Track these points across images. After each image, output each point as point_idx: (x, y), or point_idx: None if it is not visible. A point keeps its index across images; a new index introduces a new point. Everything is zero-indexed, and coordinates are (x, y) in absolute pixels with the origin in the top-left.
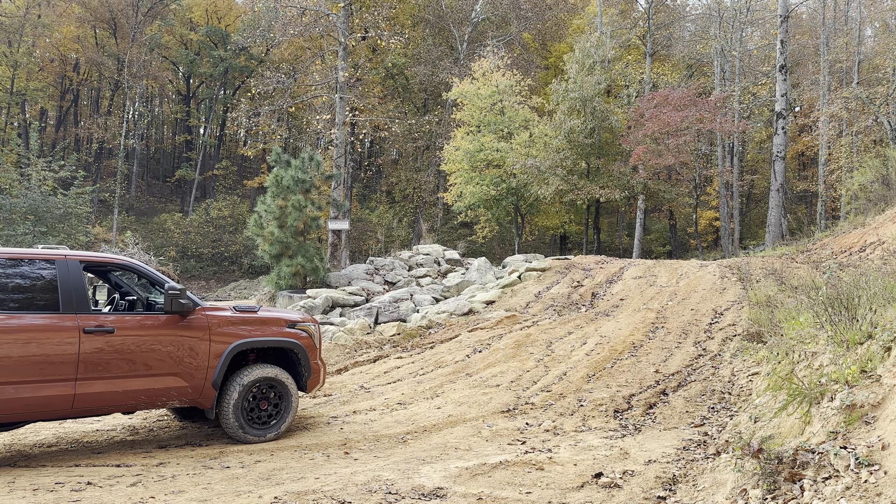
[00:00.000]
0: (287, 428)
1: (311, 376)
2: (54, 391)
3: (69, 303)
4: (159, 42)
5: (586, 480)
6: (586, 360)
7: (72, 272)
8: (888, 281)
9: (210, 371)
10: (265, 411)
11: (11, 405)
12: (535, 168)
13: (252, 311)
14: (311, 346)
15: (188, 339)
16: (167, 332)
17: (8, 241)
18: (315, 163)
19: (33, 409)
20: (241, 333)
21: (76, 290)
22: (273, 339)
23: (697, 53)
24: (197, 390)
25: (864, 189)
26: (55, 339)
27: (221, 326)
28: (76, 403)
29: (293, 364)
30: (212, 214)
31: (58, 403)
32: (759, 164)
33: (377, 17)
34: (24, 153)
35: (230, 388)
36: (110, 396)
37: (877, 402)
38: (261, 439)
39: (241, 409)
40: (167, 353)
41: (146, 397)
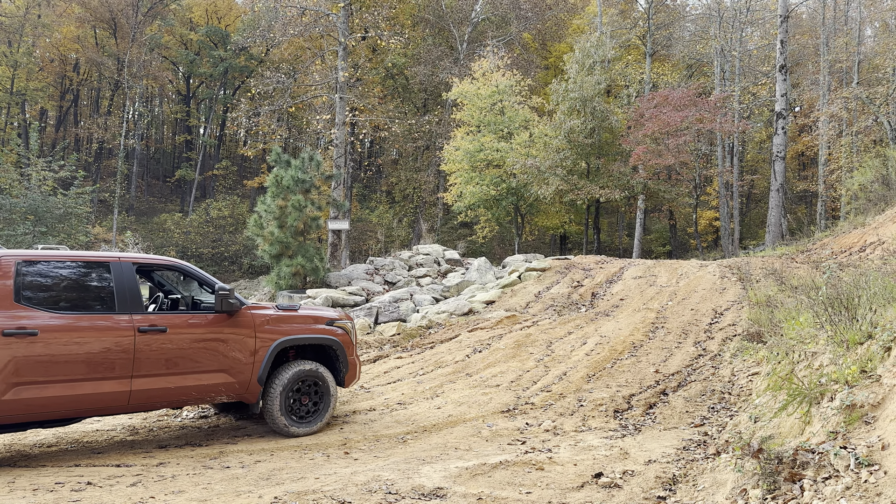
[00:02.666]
0: (326, 422)
1: (349, 371)
2: (112, 388)
3: (124, 303)
4: (159, 42)
5: (586, 480)
6: (586, 360)
7: (125, 274)
8: (888, 281)
9: (256, 367)
10: (306, 406)
11: (73, 402)
12: (535, 168)
13: (293, 310)
14: (349, 343)
15: (235, 337)
16: (215, 331)
17: (8, 241)
18: (315, 163)
19: (92, 405)
20: (284, 331)
21: (130, 291)
22: (314, 336)
23: (697, 53)
24: (244, 386)
25: (864, 189)
26: (113, 339)
27: (266, 324)
28: (131, 400)
29: (331, 360)
30: (212, 214)
31: (115, 400)
32: (759, 164)
33: (377, 17)
34: (24, 153)
35: (275, 384)
36: (163, 393)
37: (877, 402)
38: (303, 433)
39: (285, 403)
40: (216, 351)
41: (196, 393)
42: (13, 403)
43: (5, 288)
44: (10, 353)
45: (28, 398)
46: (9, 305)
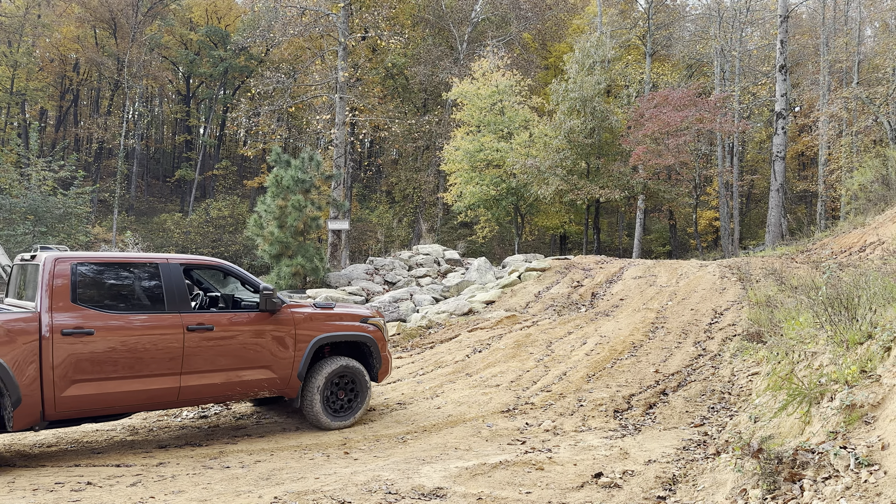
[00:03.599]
0: (361, 415)
1: (381, 367)
2: (162, 385)
3: (173, 302)
4: (159, 42)
5: (586, 480)
6: (586, 360)
7: (173, 274)
8: (888, 281)
9: (296, 364)
10: (342, 400)
11: (126, 398)
12: (535, 168)
13: (329, 308)
14: (381, 339)
15: (277, 335)
16: (258, 329)
17: (8, 241)
18: (315, 163)
19: (144, 401)
20: (322, 328)
21: (178, 291)
22: (350, 333)
23: (697, 53)
24: (285, 381)
25: (864, 189)
26: (163, 337)
27: (305, 322)
28: (180, 396)
29: (365, 356)
30: (212, 214)
31: (165, 396)
32: (759, 164)
33: (377, 17)
34: (24, 153)
35: (314, 379)
36: (210, 389)
37: (877, 402)
38: (339, 426)
39: (323, 398)
40: (259, 348)
41: (241, 389)
42: (71, 400)
43: (63, 289)
44: (69, 352)
45: (85, 395)
46: (66, 306)
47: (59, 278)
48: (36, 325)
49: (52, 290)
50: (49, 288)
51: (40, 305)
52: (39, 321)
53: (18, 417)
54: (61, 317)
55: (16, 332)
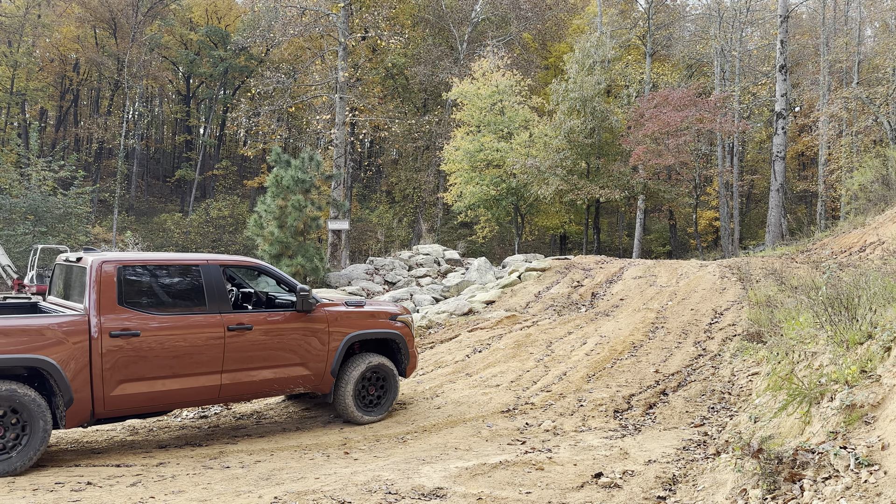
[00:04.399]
0: (389, 410)
1: (410, 362)
2: (204, 383)
3: (213, 302)
4: (159, 42)
5: (586, 480)
6: (586, 360)
7: (213, 274)
8: (888, 281)
9: (329, 361)
10: (372, 395)
11: (170, 396)
12: (535, 168)
13: (360, 306)
14: (409, 336)
15: (311, 333)
16: (294, 327)
17: (8, 241)
18: (315, 163)
19: (187, 399)
20: (354, 326)
21: (219, 291)
22: (380, 330)
23: (697, 53)
24: (319, 378)
25: (864, 189)
26: (205, 337)
27: (338, 320)
28: (221, 393)
29: (394, 352)
30: (212, 214)
31: (207, 393)
32: (759, 164)
33: (377, 17)
34: (24, 153)
35: (346, 375)
36: (248, 386)
37: (877, 402)
38: (370, 420)
39: (356, 393)
40: (295, 346)
41: (278, 385)
42: (119, 399)
43: (110, 292)
44: (117, 353)
45: (132, 393)
46: (113, 308)
47: (106, 281)
48: (86, 327)
49: (99, 292)
50: (97, 290)
51: (89, 307)
52: (89, 323)
53: (70, 416)
54: (109, 318)
55: (67, 333)
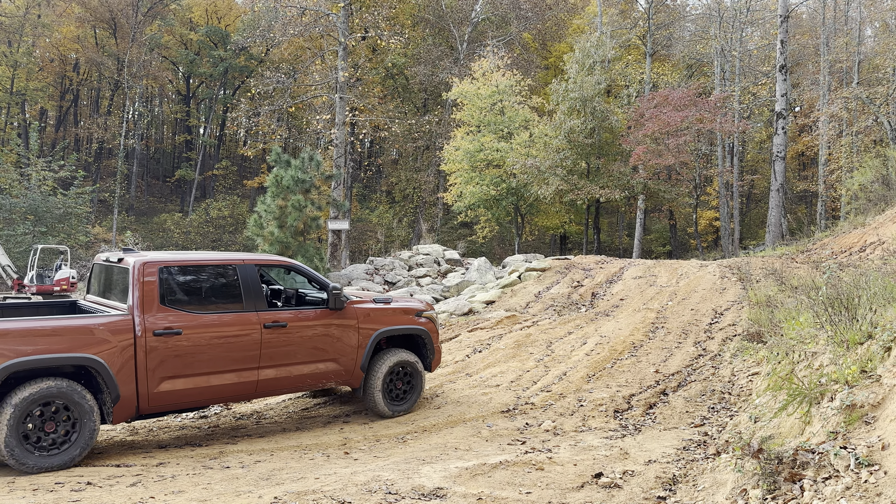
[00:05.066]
0: (416, 403)
1: (435, 357)
2: (242, 378)
3: (250, 301)
4: (159, 42)
5: (586, 480)
6: (586, 360)
7: (249, 274)
8: (888, 281)
9: (360, 356)
10: (400, 389)
11: (211, 392)
12: (535, 168)
13: (387, 303)
14: (434, 332)
15: (342, 330)
16: (326, 324)
17: (8, 241)
18: (315, 163)
19: (226, 394)
20: (383, 322)
21: (255, 290)
22: (407, 327)
23: (697, 53)
24: (349, 373)
25: (864, 189)
26: (243, 334)
27: (366, 317)
28: (258, 388)
29: (419, 347)
30: (212, 214)
31: (245, 389)
32: (759, 164)
33: (377, 17)
34: (24, 153)
35: (375, 370)
36: (283, 381)
37: (877, 402)
38: (399, 412)
39: (384, 387)
40: (326, 342)
41: (311, 380)
42: (163, 395)
43: (152, 292)
44: (160, 351)
45: (174, 390)
46: (156, 308)
47: (148, 281)
48: (130, 326)
49: (142, 292)
50: (140, 291)
51: (133, 307)
52: (133, 322)
53: (117, 412)
54: (152, 318)
55: (113, 332)
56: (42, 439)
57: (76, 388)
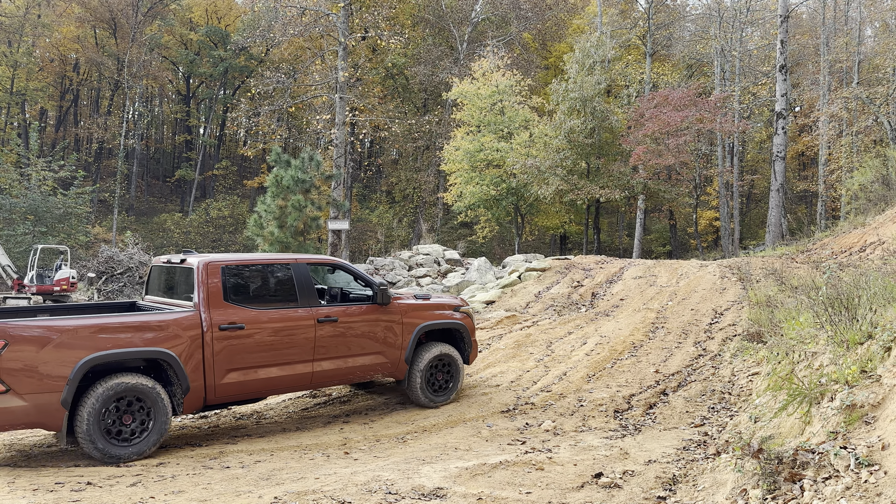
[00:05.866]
0: (456, 394)
1: (472, 350)
2: (299, 370)
3: (304, 297)
4: (159, 42)
5: (586, 480)
6: (586, 360)
7: (303, 272)
8: (888, 281)
9: (404, 349)
10: (441, 381)
11: (271, 384)
12: (535, 168)
13: (427, 299)
14: (471, 326)
15: (388, 325)
16: (373, 319)
17: (8, 241)
18: (315, 163)
19: (284, 386)
20: (424, 317)
21: (308, 287)
22: (447, 321)
23: (697, 53)
24: (394, 365)
25: (864, 189)
26: (299, 329)
27: (410, 313)
28: (313, 380)
29: (457, 341)
30: (212, 214)
31: (301, 380)
32: (759, 164)
33: (377, 17)
34: (24, 153)
35: (418, 363)
36: (335, 373)
37: (877, 402)
38: (439, 403)
39: (426, 379)
40: (374, 336)
41: (360, 372)
42: (228, 387)
43: (216, 289)
44: (225, 345)
45: (238, 381)
46: (220, 304)
47: (212, 280)
48: (198, 322)
49: (207, 290)
50: (205, 288)
51: (199, 304)
52: (200, 318)
53: (187, 403)
54: (217, 314)
55: (183, 328)
56: (121, 431)
57: (150, 381)
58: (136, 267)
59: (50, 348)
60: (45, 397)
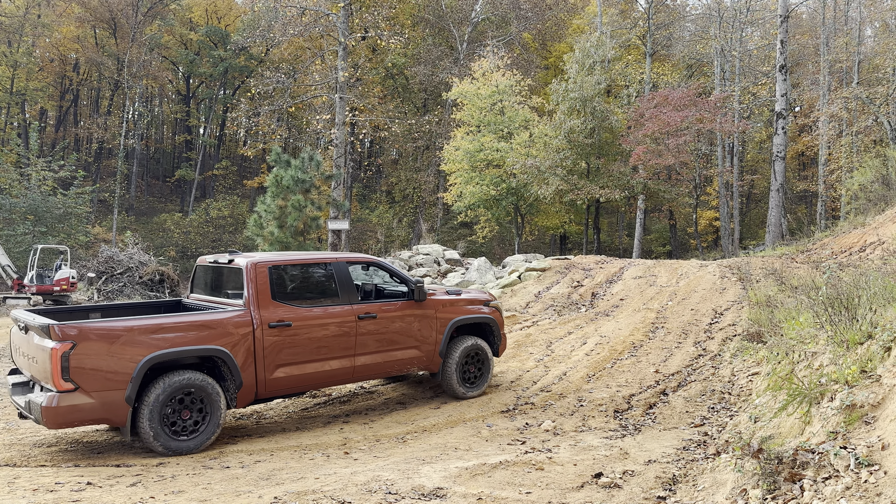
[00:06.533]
0: (487, 386)
1: (501, 343)
2: (342, 365)
3: (345, 295)
4: (159, 42)
5: (586, 480)
6: (586, 360)
7: (343, 270)
8: (888, 281)
9: (438, 343)
10: (473, 373)
11: (317, 378)
12: (535, 168)
13: (458, 294)
14: (500, 320)
15: (423, 320)
16: (409, 314)
17: (8, 241)
18: (315, 163)
19: (329, 379)
20: (457, 312)
21: (348, 285)
22: (478, 316)
23: (697, 53)
24: (429, 359)
25: (864, 189)
26: (342, 325)
27: (443, 308)
28: (354, 374)
29: (487, 334)
30: (212, 214)
31: (344, 374)
32: (759, 164)
33: (377, 17)
34: (24, 153)
35: (452, 356)
36: (375, 367)
37: (877, 402)
38: (472, 395)
39: (459, 372)
40: (411, 331)
41: (398, 366)
42: (277, 381)
43: (265, 288)
44: (274, 341)
45: (286, 376)
46: (269, 303)
47: (260, 279)
48: (249, 320)
49: (256, 289)
50: (254, 288)
51: (249, 303)
52: (251, 316)
53: (241, 397)
54: (266, 312)
55: (235, 325)
56: (181, 425)
57: (206, 377)
58: (135, 267)
59: (115, 348)
60: (111, 394)
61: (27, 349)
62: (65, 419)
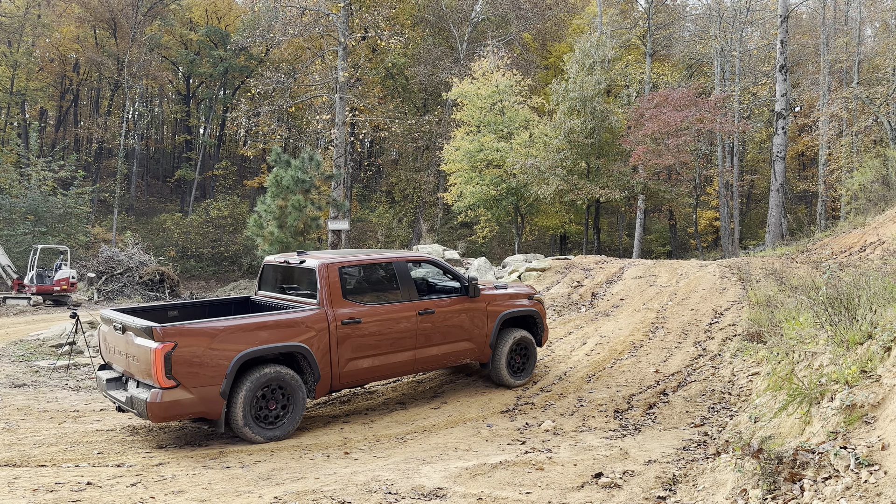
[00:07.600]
0: (531, 375)
1: (544, 334)
2: (405, 358)
3: (405, 292)
4: (159, 42)
5: (586, 480)
6: (586, 360)
7: (403, 269)
8: (888, 281)
9: (488, 335)
10: (519, 363)
11: (383, 370)
12: (535, 168)
13: (505, 289)
14: (543, 312)
15: (475, 314)
16: (463, 308)
17: (8, 241)
18: (315, 163)
19: (394, 372)
20: (505, 306)
21: (408, 282)
22: (524, 309)
23: (697, 53)
24: (481, 350)
25: (864, 189)
26: (405, 320)
27: (493, 301)
28: (415, 366)
29: (531, 326)
30: (212, 214)
31: (407, 366)
32: (759, 164)
33: (377, 17)
34: (24, 153)
35: (501, 347)
36: (432, 359)
37: (877, 402)
38: (519, 383)
39: (507, 362)
40: (464, 325)
41: (453, 357)
42: (349, 374)
43: (336, 287)
44: (346, 337)
45: (357, 369)
46: (340, 301)
47: (332, 279)
48: (324, 317)
49: (329, 288)
50: (327, 286)
51: (323, 301)
52: (326, 314)
53: (318, 389)
54: (338, 309)
55: (313, 323)
56: (267, 416)
57: (289, 371)
58: (135, 267)
59: (212, 346)
60: (209, 390)
61: (124, 348)
62: (167, 413)
